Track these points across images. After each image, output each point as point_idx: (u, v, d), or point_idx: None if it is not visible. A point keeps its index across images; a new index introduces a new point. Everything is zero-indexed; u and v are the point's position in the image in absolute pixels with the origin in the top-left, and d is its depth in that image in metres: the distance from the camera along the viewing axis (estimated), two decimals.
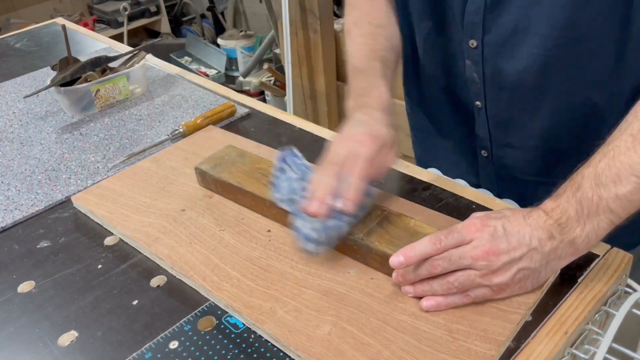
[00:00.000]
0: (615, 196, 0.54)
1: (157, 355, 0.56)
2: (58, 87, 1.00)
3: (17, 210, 0.79)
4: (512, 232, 0.55)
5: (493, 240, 0.55)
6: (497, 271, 0.54)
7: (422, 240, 0.56)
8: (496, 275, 0.54)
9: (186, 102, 1.04)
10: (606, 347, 0.52)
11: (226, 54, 3.03)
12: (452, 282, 0.56)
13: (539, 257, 0.55)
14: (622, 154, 0.54)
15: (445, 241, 0.56)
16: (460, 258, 0.55)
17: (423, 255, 0.56)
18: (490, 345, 0.52)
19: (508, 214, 0.57)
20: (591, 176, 0.55)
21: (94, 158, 0.90)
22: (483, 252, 0.54)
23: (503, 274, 0.54)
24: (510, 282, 0.55)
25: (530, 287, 0.57)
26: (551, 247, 0.55)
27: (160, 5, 3.38)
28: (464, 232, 0.56)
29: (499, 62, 0.71)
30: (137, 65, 1.07)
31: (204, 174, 0.76)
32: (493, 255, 0.54)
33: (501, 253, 0.54)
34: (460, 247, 0.55)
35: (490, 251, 0.54)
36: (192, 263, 0.65)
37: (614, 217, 0.54)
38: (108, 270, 0.67)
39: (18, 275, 0.68)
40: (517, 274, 0.55)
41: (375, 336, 0.54)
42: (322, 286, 0.60)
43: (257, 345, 0.56)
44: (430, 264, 0.56)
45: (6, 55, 1.36)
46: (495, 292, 0.56)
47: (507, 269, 0.54)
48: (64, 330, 0.60)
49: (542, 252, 0.55)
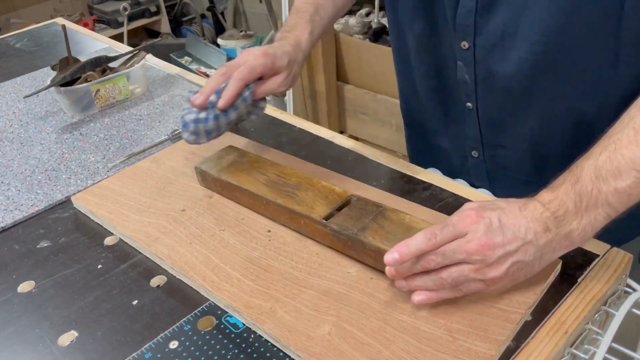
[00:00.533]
0: (614, 190, 0.53)
1: (157, 355, 0.56)
2: (58, 87, 1.00)
3: (17, 210, 0.79)
4: (508, 225, 0.54)
5: (488, 233, 0.53)
6: (492, 265, 0.54)
7: (417, 236, 0.55)
8: (490, 269, 0.54)
9: (186, 102, 1.04)
10: (606, 347, 0.52)
11: (226, 54, 3.03)
12: (445, 279, 0.55)
13: (533, 250, 0.54)
14: (624, 147, 0.53)
15: (440, 236, 0.55)
16: (455, 253, 0.54)
17: (417, 252, 0.55)
18: (490, 345, 0.52)
19: (503, 205, 0.56)
20: (591, 169, 0.54)
21: (94, 158, 0.90)
22: (478, 246, 0.53)
23: (497, 267, 0.54)
24: (503, 275, 0.54)
25: (522, 279, 0.56)
26: (546, 240, 0.54)
27: (160, 5, 3.38)
28: (459, 225, 0.55)
29: (490, 64, 0.71)
30: (137, 65, 1.07)
31: (204, 174, 0.76)
32: (488, 249, 0.53)
33: (496, 247, 0.53)
34: (454, 241, 0.54)
35: (485, 245, 0.53)
36: (192, 263, 0.65)
37: (612, 211, 0.54)
38: (108, 270, 0.67)
39: (18, 275, 0.68)
40: (511, 267, 0.54)
41: (375, 336, 0.54)
42: (322, 286, 0.61)
43: (257, 345, 0.56)
44: (425, 259, 0.55)
45: (6, 55, 1.36)
46: (488, 286, 0.55)
47: (501, 263, 0.54)
48: (64, 330, 0.60)
49: (537, 245, 0.54)
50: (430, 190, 0.75)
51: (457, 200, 0.72)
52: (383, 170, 0.80)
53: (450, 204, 0.72)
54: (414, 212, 0.67)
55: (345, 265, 0.63)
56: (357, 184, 0.76)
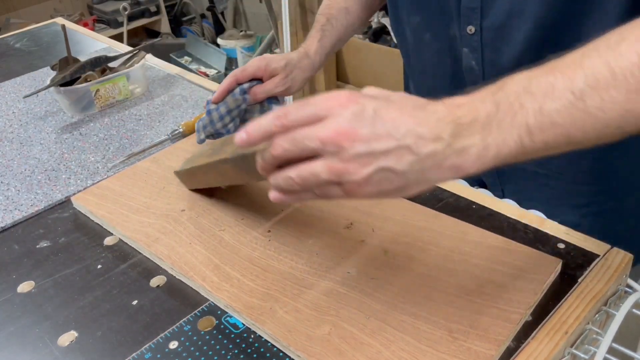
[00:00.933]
0: (539, 110, 0.42)
1: (156, 355, 0.56)
2: (58, 87, 1.00)
3: (16, 210, 0.79)
4: (385, 119, 0.43)
5: (354, 121, 0.43)
6: (349, 163, 0.43)
7: (270, 113, 0.46)
8: (347, 170, 0.43)
9: (186, 102, 1.04)
10: (606, 347, 0.52)
11: (226, 54, 3.03)
12: (294, 178, 0.45)
13: (410, 160, 0.43)
14: (567, 66, 0.44)
15: (292, 115, 0.44)
16: (306, 139, 0.44)
17: (266, 133, 0.46)
18: (490, 345, 0.52)
19: (394, 98, 0.45)
20: (522, 81, 0.44)
21: (94, 158, 0.90)
22: (334, 132, 0.42)
23: (357, 169, 0.43)
24: (364, 181, 0.43)
25: (392, 195, 0.45)
26: (432, 150, 0.43)
27: (160, 5, 3.38)
28: (321, 105, 0.44)
29: (497, 45, 0.70)
30: (137, 65, 1.07)
31: (178, 175, 0.77)
32: (346, 140, 0.42)
33: (358, 139, 0.42)
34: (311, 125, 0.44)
35: (343, 133, 0.42)
36: (192, 263, 0.65)
37: (526, 139, 0.43)
38: (108, 271, 0.67)
39: (18, 275, 0.68)
40: (375, 174, 0.43)
41: (375, 336, 0.54)
42: (322, 286, 0.60)
43: (257, 346, 0.56)
44: (273, 145, 0.45)
45: (6, 55, 1.36)
46: (347, 193, 0.45)
47: (363, 164, 0.43)
48: (64, 330, 0.60)
49: (417, 153, 0.43)
50: (430, 190, 0.75)
51: (457, 200, 0.72)
52: None
53: (451, 204, 0.72)
54: (413, 212, 0.67)
55: (345, 265, 0.63)
56: None
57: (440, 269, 0.61)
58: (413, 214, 0.69)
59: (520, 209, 0.70)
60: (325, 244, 0.66)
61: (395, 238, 0.65)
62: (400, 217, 0.69)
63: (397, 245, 0.64)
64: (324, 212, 0.71)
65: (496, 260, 0.61)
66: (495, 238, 0.64)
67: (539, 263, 0.60)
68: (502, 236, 0.64)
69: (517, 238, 0.64)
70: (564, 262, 0.60)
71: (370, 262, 0.63)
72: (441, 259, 0.62)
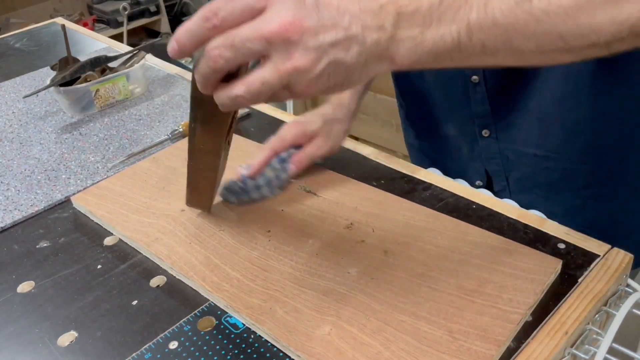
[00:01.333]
0: (484, 6, 0.40)
1: (156, 355, 0.56)
2: (58, 87, 1.00)
3: (16, 210, 0.79)
4: (328, 6, 0.39)
5: (297, 9, 0.39)
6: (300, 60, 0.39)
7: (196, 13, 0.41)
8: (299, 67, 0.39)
9: (186, 102, 1.04)
10: (606, 347, 0.52)
11: None
12: (244, 96, 0.41)
13: (357, 50, 0.40)
14: None
15: (224, 11, 0.39)
16: (247, 41, 0.39)
17: (198, 36, 0.41)
18: (490, 345, 0.52)
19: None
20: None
21: (94, 158, 0.90)
22: (278, 26, 0.38)
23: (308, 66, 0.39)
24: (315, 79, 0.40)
25: (336, 90, 0.43)
26: (375, 40, 0.41)
27: (160, 5, 3.38)
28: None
29: None
30: (136, 65, 1.07)
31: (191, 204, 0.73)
32: (294, 32, 0.38)
33: (307, 31, 0.39)
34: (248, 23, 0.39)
35: (290, 23, 0.38)
36: (192, 263, 0.65)
37: (464, 37, 0.41)
38: (107, 271, 0.67)
39: (17, 275, 0.68)
40: (327, 68, 0.40)
41: (375, 336, 0.54)
42: (322, 286, 0.60)
43: (257, 346, 0.56)
44: (208, 55, 0.40)
45: (6, 55, 1.36)
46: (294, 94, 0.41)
47: (314, 60, 0.39)
48: (64, 331, 0.60)
49: (363, 44, 0.40)
50: (430, 190, 0.75)
51: (458, 200, 0.72)
52: (383, 170, 0.80)
53: (451, 204, 0.72)
54: (413, 212, 0.67)
55: (345, 265, 0.63)
56: (356, 183, 0.76)
57: (440, 269, 0.61)
58: (413, 214, 0.69)
59: (520, 209, 0.71)
60: (325, 244, 0.66)
61: (395, 238, 0.65)
62: (400, 217, 0.69)
63: (397, 245, 0.64)
64: (324, 212, 0.71)
65: (496, 260, 0.61)
66: (496, 238, 0.64)
67: (539, 263, 0.60)
68: (502, 236, 0.64)
69: (517, 238, 0.64)
70: (564, 262, 0.60)
71: (370, 262, 0.63)
72: (441, 259, 0.62)
